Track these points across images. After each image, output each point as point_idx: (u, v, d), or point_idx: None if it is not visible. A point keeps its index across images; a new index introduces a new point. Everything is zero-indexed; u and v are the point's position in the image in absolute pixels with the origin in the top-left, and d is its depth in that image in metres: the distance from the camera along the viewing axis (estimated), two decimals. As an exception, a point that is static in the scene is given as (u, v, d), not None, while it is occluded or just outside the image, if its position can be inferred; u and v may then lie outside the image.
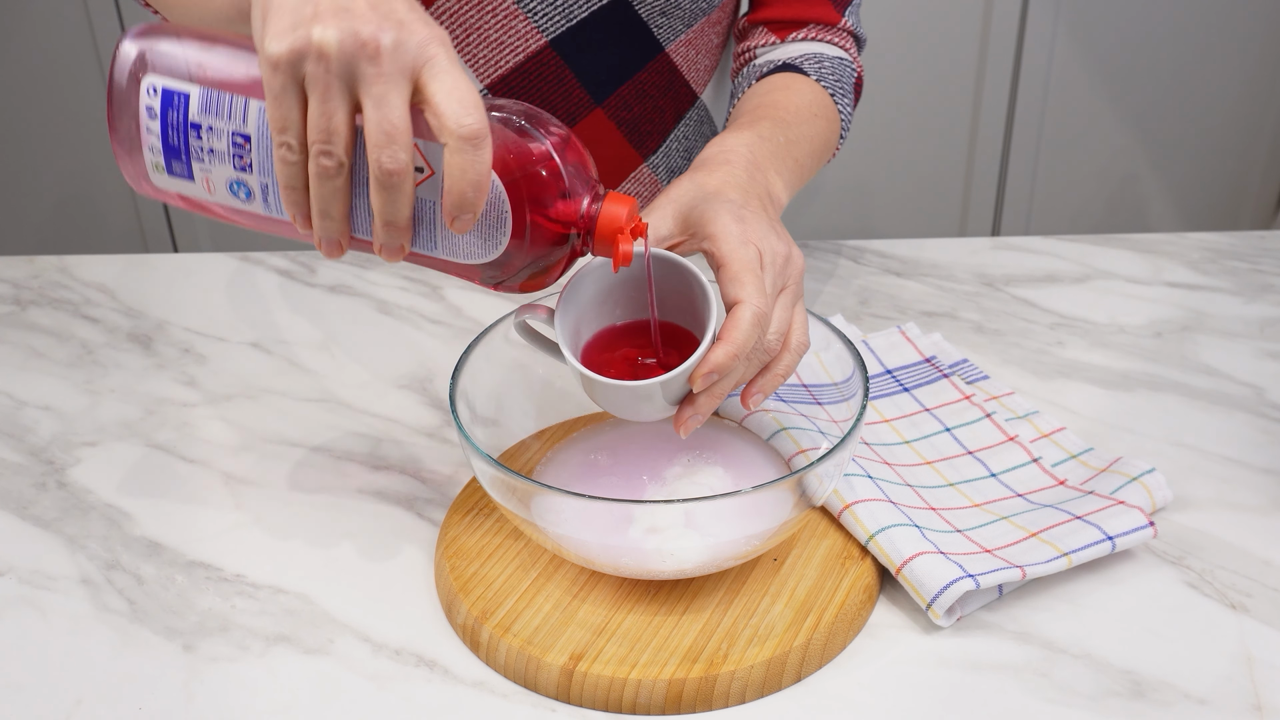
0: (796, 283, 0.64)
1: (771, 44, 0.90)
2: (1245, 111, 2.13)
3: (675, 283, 0.63)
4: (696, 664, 0.59)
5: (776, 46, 0.89)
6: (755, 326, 0.59)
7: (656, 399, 0.61)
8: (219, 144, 0.56)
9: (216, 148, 0.56)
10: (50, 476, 0.76)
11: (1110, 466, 0.71)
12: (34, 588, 0.67)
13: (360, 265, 0.99)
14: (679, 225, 0.66)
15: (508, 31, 0.93)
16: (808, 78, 0.86)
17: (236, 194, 0.57)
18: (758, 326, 0.60)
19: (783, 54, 0.89)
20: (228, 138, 0.56)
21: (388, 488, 0.74)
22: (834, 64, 0.88)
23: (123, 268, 1.00)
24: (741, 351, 0.59)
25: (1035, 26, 2.02)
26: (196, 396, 0.83)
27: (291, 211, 0.55)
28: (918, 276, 0.97)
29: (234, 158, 0.56)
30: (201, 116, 0.56)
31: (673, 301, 0.64)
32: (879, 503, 0.66)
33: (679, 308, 0.64)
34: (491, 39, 0.94)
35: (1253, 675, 0.60)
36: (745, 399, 0.64)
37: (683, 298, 0.63)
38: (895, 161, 2.15)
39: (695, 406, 0.61)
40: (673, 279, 0.63)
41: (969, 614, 0.64)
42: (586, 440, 0.72)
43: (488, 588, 0.64)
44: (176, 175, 0.57)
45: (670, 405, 0.62)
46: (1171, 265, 0.99)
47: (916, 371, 0.81)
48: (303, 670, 0.61)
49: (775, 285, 0.63)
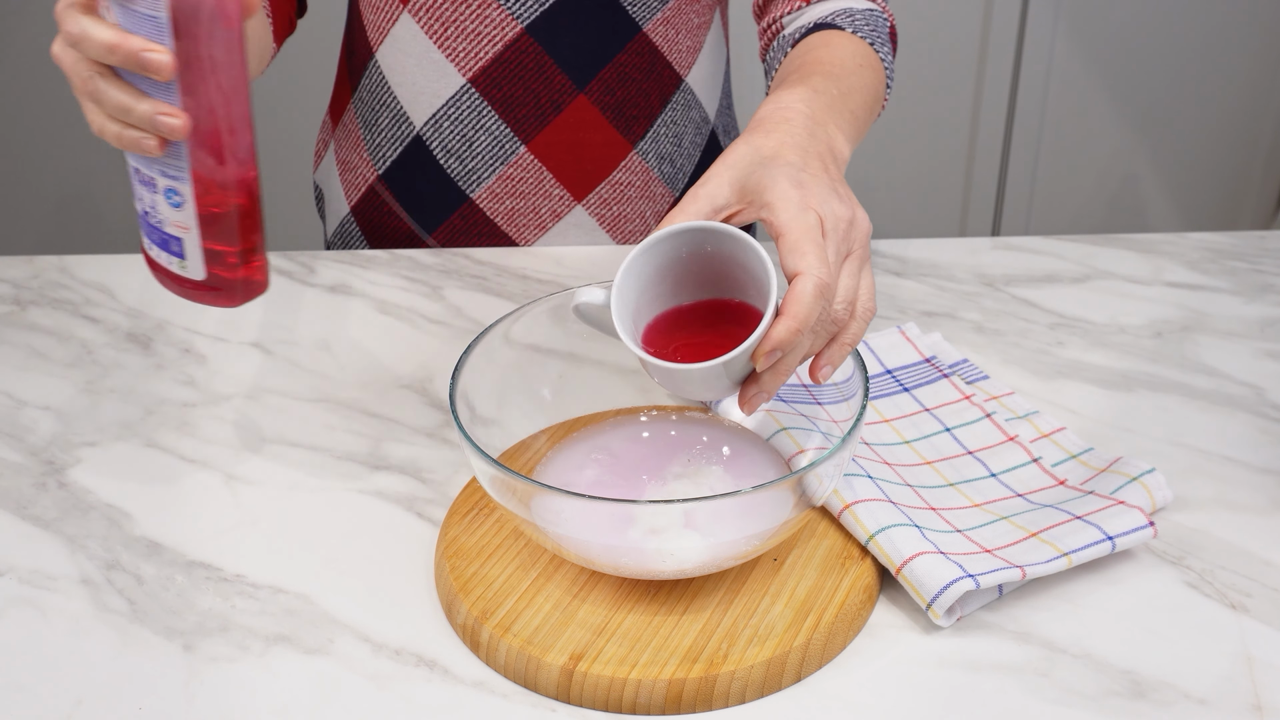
0: (863, 246, 0.62)
1: (797, 10, 0.87)
2: (1245, 111, 2.13)
3: (734, 256, 0.60)
4: (696, 664, 0.59)
5: (802, 11, 0.87)
6: (818, 299, 0.57)
7: (720, 379, 0.59)
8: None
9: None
10: (50, 476, 0.76)
11: (1110, 466, 0.71)
12: (34, 588, 0.67)
13: (360, 265, 1.00)
14: (736, 193, 0.63)
15: (484, 21, 0.93)
16: (844, 31, 0.83)
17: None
18: (821, 298, 0.58)
19: (811, 15, 0.86)
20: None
21: (388, 488, 0.74)
22: (866, 16, 0.86)
23: (123, 268, 1.00)
24: (805, 325, 0.57)
25: (1035, 26, 2.02)
26: (196, 396, 0.83)
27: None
28: (918, 276, 0.97)
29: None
30: None
31: (733, 276, 0.61)
32: (879, 503, 0.66)
33: (740, 282, 0.62)
34: (469, 30, 0.94)
35: (1253, 675, 0.60)
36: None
37: (744, 271, 0.61)
38: (895, 161, 2.15)
39: (760, 385, 0.60)
40: (730, 252, 0.60)
41: (969, 614, 0.64)
42: (586, 440, 0.72)
43: (488, 588, 0.64)
44: None
45: (735, 384, 0.60)
46: (1171, 265, 0.99)
47: (916, 371, 0.81)
48: (302, 670, 0.61)
49: (839, 252, 0.60)
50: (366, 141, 1.03)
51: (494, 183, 1.00)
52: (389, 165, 1.02)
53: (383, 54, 0.99)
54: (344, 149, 1.07)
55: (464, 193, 1.00)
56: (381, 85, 1.00)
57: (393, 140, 1.01)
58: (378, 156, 1.03)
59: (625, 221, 1.03)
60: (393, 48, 0.98)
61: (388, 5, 0.97)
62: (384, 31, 0.98)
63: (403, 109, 0.99)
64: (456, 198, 1.01)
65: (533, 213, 1.01)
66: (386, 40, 0.98)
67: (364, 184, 1.05)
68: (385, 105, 1.01)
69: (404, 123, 1.00)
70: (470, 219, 1.02)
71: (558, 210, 1.01)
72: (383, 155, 1.02)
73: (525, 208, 1.01)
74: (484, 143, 0.98)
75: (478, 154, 0.99)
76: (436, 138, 0.99)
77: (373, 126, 1.02)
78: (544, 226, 1.02)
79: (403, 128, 1.00)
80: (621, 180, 1.01)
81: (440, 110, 0.98)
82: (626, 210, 1.03)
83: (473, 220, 1.02)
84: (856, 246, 0.62)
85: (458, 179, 1.00)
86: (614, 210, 1.02)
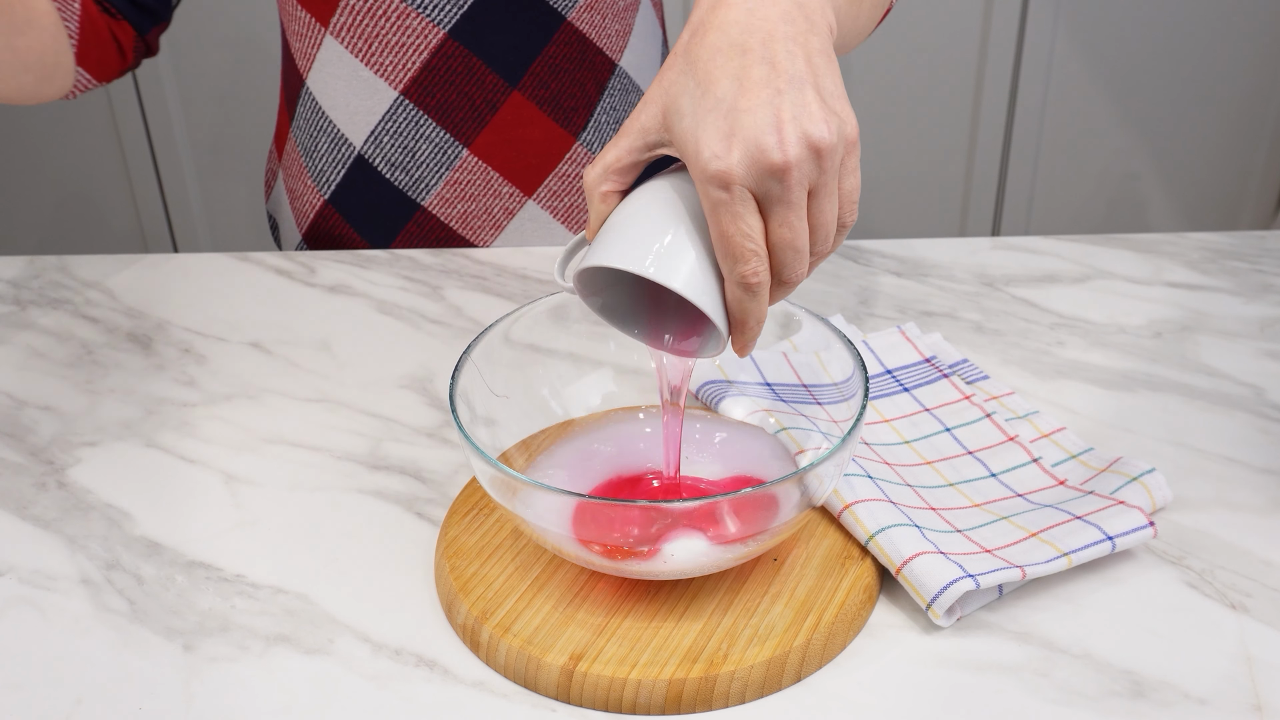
0: (829, 170, 0.53)
1: None
2: (1245, 111, 2.13)
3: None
4: (696, 664, 0.59)
5: None
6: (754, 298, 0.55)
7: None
8: None
9: None
10: (50, 476, 0.76)
11: (1110, 466, 0.71)
12: (34, 588, 0.67)
13: (360, 265, 1.00)
14: (665, 126, 0.55)
15: (406, 32, 0.93)
16: None
17: None
18: (757, 297, 0.55)
19: None
20: None
21: (388, 488, 0.74)
22: None
23: (123, 268, 1.00)
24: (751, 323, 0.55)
25: (1035, 26, 2.02)
26: (196, 396, 0.83)
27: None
28: (918, 276, 0.97)
29: None
30: None
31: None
32: (879, 503, 0.66)
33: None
34: (393, 43, 0.94)
35: (1253, 675, 0.60)
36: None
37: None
38: (895, 161, 2.15)
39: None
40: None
41: (969, 614, 0.64)
42: (587, 440, 0.72)
43: (488, 588, 0.64)
44: None
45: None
46: (1171, 265, 0.99)
47: (916, 371, 0.81)
48: (303, 670, 0.61)
49: (780, 199, 0.53)
50: (309, 169, 1.03)
51: (442, 188, 1.00)
52: (334, 189, 1.02)
53: (313, 80, 0.99)
54: (290, 178, 1.07)
55: (415, 201, 1.00)
56: (316, 111, 1.00)
57: (334, 164, 1.01)
58: (322, 182, 1.03)
59: (578, 211, 1.03)
60: (321, 72, 0.98)
61: (310, 31, 0.96)
62: (310, 58, 0.98)
63: (340, 131, 0.99)
64: (408, 208, 1.01)
65: (485, 214, 1.01)
66: (314, 66, 0.98)
67: (312, 210, 1.05)
68: (322, 130, 1.00)
69: (343, 145, 1.00)
70: (425, 226, 1.02)
71: (509, 208, 1.01)
72: (326, 180, 1.02)
73: (477, 209, 1.01)
74: (426, 151, 0.98)
75: (422, 163, 0.99)
76: (378, 154, 0.99)
77: (312, 153, 1.02)
78: (499, 225, 1.02)
79: (343, 150, 1.00)
80: (568, 172, 1.01)
81: (378, 126, 0.98)
82: (578, 200, 1.03)
83: (428, 227, 1.02)
84: (825, 175, 0.53)
85: (406, 190, 1.00)
86: (565, 201, 1.02)
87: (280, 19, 1.02)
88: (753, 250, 0.53)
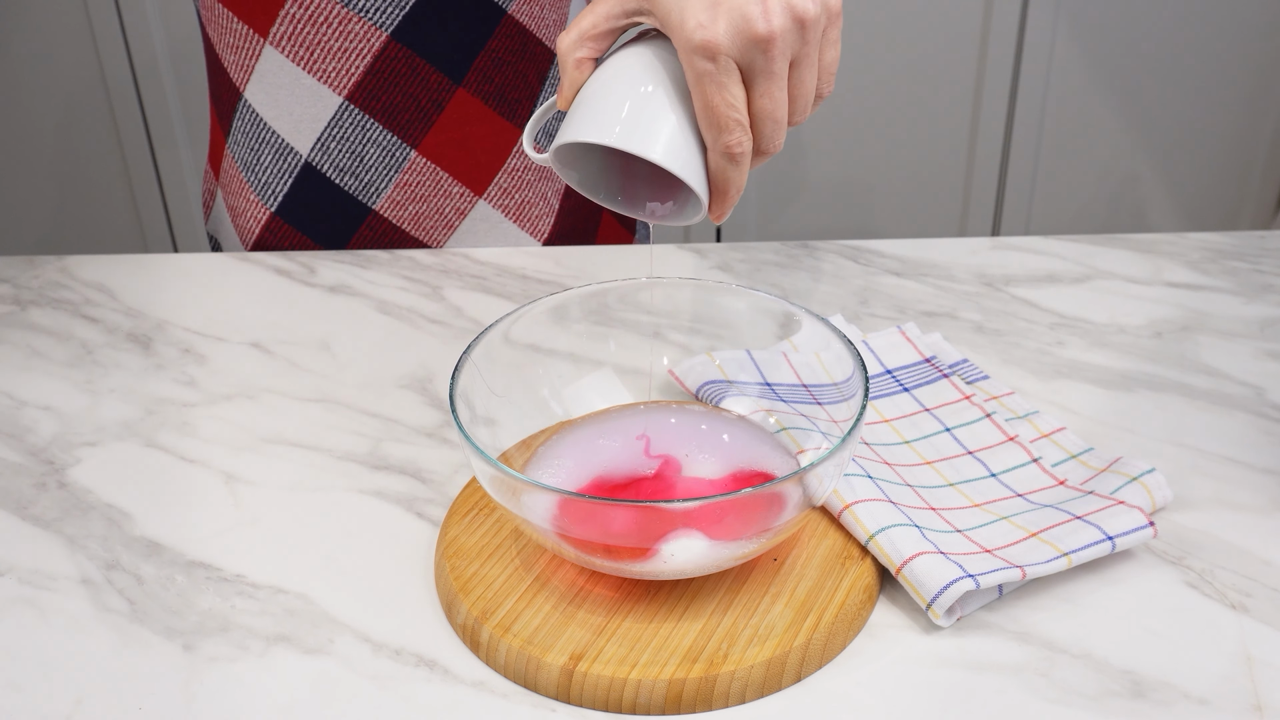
0: (811, 44, 0.54)
1: None
2: (1245, 111, 2.13)
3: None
4: (696, 664, 0.59)
5: None
6: (737, 167, 0.55)
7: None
8: None
9: None
10: (50, 476, 0.76)
11: (1110, 466, 0.71)
12: (34, 588, 0.67)
13: (360, 265, 1.00)
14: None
15: (348, 37, 0.93)
16: None
17: None
18: (739, 166, 0.55)
19: None
20: None
21: (388, 488, 0.74)
22: None
23: (123, 268, 1.00)
24: (732, 191, 0.56)
25: (1035, 26, 2.02)
26: (196, 396, 0.83)
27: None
28: (918, 276, 0.97)
29: None
30: None
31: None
32: (879, 503, 0.66)
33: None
34: (335, 49, 0.93)
35: (1253, 675, 0.60)
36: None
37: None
38: (895, 161, 2.15)
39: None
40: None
41: (969, 614, 0.64)
42: (587, 439, 0.72)
43: (488, 588, 0.64)
44: None
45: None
46: (1171, 265, 0.99)
47: (916, 371, 0.81)
48: (303, 670, 0.61)
49: (764, 71, 0.54)
50: (251, 183, 1.02)
51: (392, 191, 0.99)
52: (281, 200, 1.01)
53: (251, 92, 0.98)
54: (230, 195, 1.05)
55: (366, 205, 1.00)
56: (256, 123, 0.99)
57: (280, 175, 1.00)
58: (266, 194, 1.02)
59: (529, 207, 1.03)
60: (261, 83, 0.97)
61: (248, 43, 0.96)
62: (249, 69, 0.97)
63: (285, 141, 0.98)
64: (359, 212, 1.01)
65: (437, 214, 1.01)
66: (253, 78, 0.97)
67: (257, 225, 1.04)
68: (265, 142, 1.00)
69: (289, 154, 0.99)
70: (378, 230, 1.02)
71: (461, 208, 1.01)
72: (272, 192, 1.01)
73: (429, 210, 1.01)
74: (374, 155, 0.98)
75: (370, 167, 0.99)
76: (326, 160, 0.99)
77: (254, 168, 1.01)
78: (451, 225, 1.02)
79: (289, 159, 0.99)
80: (517, 166, 1.01)
81: (324, 133, 0.97)
82: (528, 195, 1.03)
83: (380, 230, 1.02)
84: (807, 47, 0.54)
85: (356, 194, 1.00)
86: (516, 198, 1.02)
87: (205, 36, 1.01)
88: (737, 120, 0.54)
